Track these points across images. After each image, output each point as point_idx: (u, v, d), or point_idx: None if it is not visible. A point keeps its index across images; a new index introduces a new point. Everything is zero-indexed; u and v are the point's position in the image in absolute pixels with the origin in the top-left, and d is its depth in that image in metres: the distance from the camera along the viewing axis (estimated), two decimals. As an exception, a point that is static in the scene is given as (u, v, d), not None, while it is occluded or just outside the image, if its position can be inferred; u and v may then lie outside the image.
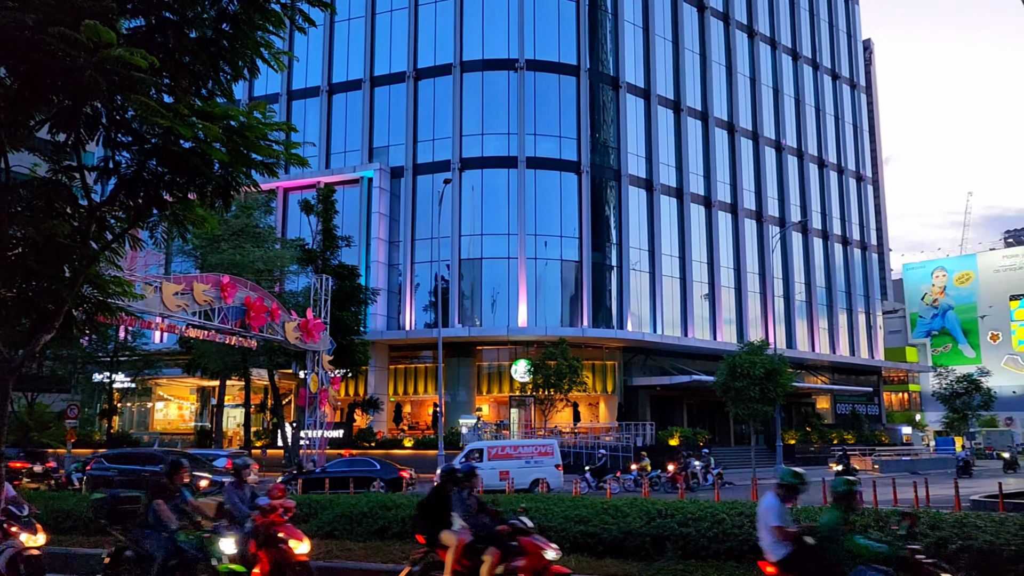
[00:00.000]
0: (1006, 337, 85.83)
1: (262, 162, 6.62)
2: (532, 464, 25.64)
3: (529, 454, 26.36)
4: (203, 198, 6.66)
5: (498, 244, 45.99)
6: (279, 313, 30.10)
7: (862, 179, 68.48)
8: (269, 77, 49.97)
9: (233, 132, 6.39)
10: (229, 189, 6.76)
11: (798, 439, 50.19)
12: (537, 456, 26.15)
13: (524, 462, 25.80)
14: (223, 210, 7.09)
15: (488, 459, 25.98)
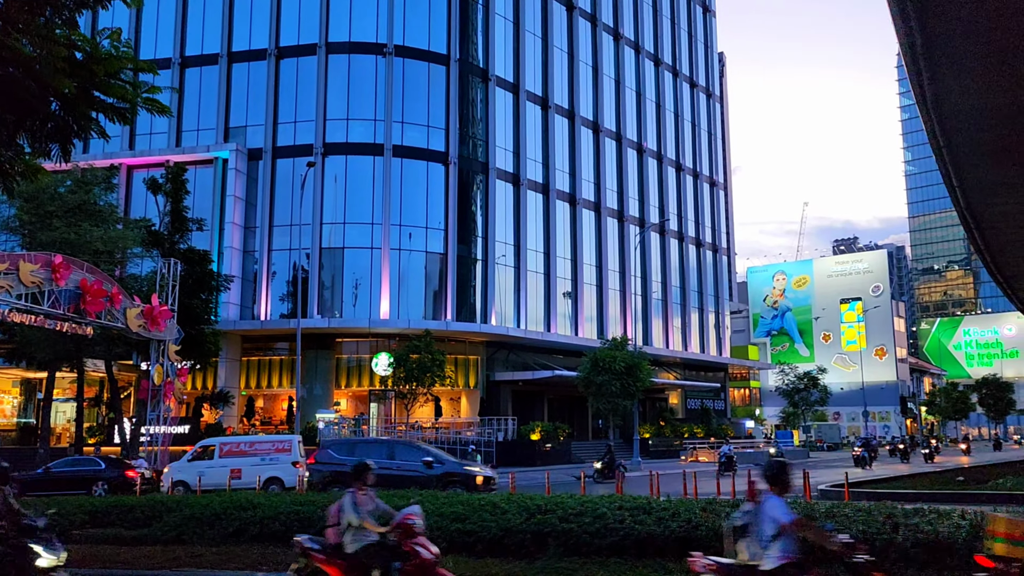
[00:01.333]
0: (836, 337, 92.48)
1: (112, 105, 5.56)
2: (268, 462, 24.30)
3: (265, 451, 24.89)
4: (37, 142, 5.50)
5: (361, 233, 44.57)
6: (120, 298, 27.64)
7: (715, 185, 71.61)
8: (114, 44, 46.13)
9: (78, 66, 5.31)
10: (69, 134, 5.64)
11: (652, 433, 51.73)
12: (274, 453, 24.82)
13: (259, 459, 24.39)
14: (61, 158, 5.93)
15: (220, 456, 24.51)
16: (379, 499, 8.21)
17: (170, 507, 12.70)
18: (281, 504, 12.24)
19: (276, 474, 24.17)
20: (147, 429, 31.85)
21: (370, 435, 41.42)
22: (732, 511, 11.01)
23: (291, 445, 25.34)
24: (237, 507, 12.30)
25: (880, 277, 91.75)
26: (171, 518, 12.25)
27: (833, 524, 9.00)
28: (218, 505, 12.37)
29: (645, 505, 11.06)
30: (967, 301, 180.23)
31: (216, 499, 12.84)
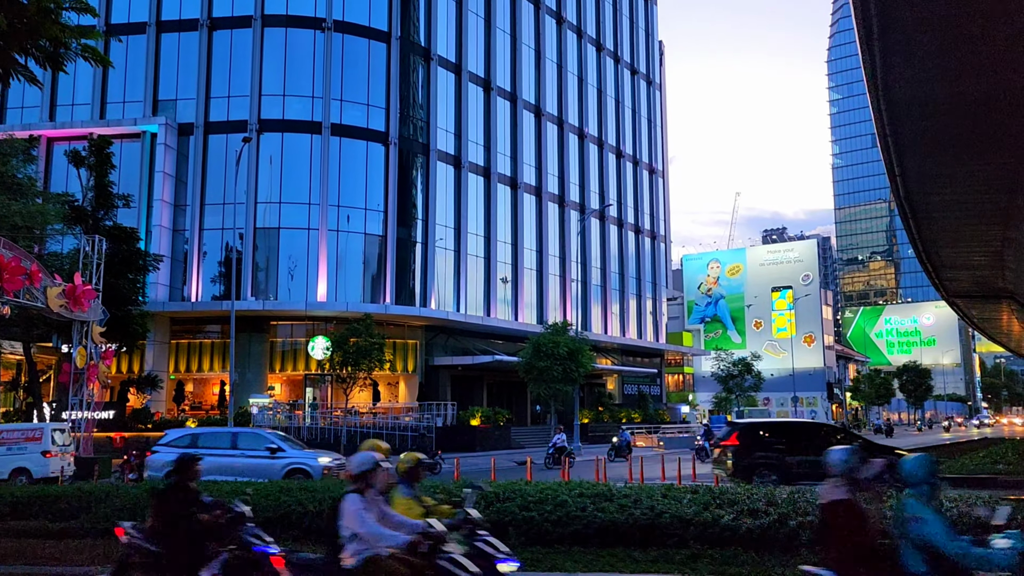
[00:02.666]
0: (768, 325, 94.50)
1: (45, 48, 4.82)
2: (14, 451, 23.48)
3: (14, 440, 24.03)
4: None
5: (298, 214, 43.28)
6: (40, 276, 26.06)
7: (654, 172, 72.09)
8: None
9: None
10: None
11: (591, 418, 51.89)
12: (22, 442, 23.99)
13: (5, 449, 23.61)
14: None
15: None
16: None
17: (100, 497, 11.85)
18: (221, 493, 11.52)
19: (24, 464, 23.15)
20: (68, 414, 30.31)
21: (305, 421, 40.46)
22: (694, 497, 10.81)
23: (42, 434, 24.27)
24: (61, 495, 11.55)
25: (810, 266, 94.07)
26: (101, 509, 11.42)
27: None
28: (148, 495, 11.58)
29: (606, 492, 10.74)
30: (888, 291, 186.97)
31: (147, 488, 12.04)
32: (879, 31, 15.01)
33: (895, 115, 19.55)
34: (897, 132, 20.72)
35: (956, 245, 34.28)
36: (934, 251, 35.57)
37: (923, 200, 27.59)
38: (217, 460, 18.41)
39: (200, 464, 7.50)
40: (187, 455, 7.54)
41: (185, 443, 20.59)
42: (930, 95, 18.21)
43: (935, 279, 43.14)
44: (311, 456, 20.35)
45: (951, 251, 35.54)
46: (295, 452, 20.34)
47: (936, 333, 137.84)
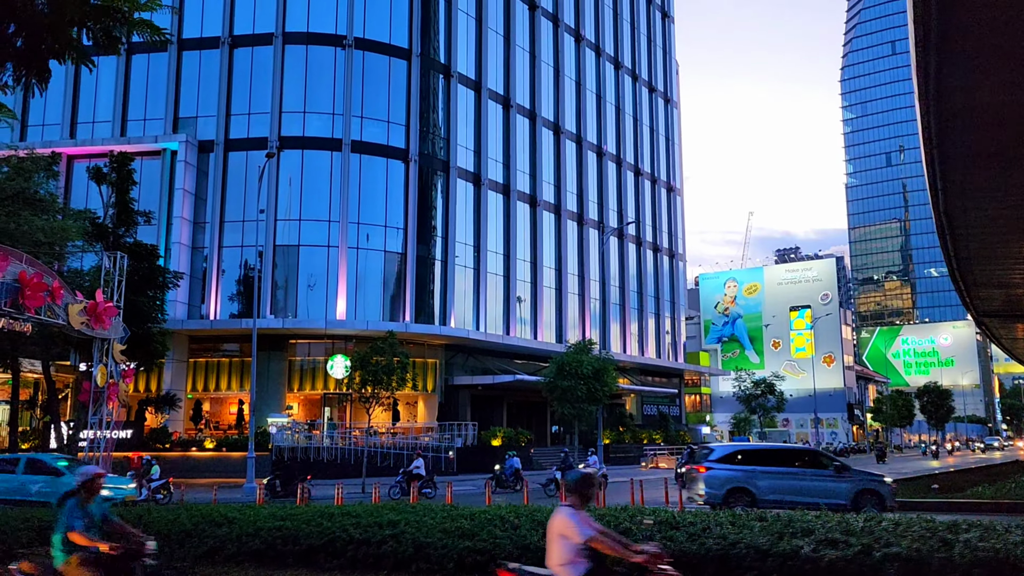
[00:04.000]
0: (786, 345, 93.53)
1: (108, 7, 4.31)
2: None
3: None
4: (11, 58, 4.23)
5: (318, 231, 42.92)
6: (62, 293, 25.66)
7: (672, 190, 71.59)
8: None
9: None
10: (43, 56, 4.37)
11: (612, 439, 51.06)
12: None
13: None
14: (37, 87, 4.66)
15: None
16: None
17: (131, 522, 11.26)
18: (260, 519, 10.95)
19: None
20: (87, 433, 29.82)
21: (324, 441, 39.82)
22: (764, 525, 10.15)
23: None
24: (210, 522, 10.96)
25: (829, 285, 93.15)
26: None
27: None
28: (188, 520, 11.02)
29: (671, 519, 10.09)
30: (905, 311, 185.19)
31: (185, 513, 11.47)
32: (938, 37, 14.46)
33: (944, 126, 18.96)
34: (944, 143, 20.13)
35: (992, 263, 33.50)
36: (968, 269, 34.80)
37: (962, 215, 26.92)
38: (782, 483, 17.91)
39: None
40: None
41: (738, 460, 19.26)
42: (983, 104, 17.63)
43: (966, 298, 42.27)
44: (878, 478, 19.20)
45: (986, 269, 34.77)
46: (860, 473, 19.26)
47: (954, 354, 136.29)
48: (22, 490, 20.29)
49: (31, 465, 21.48)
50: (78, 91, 45.57)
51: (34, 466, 21.48)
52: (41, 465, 21.57)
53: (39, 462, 21.93)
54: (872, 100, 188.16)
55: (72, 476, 20.96)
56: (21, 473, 21.00)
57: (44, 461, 22.03)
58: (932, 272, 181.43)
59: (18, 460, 21.99)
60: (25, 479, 20.74)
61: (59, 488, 20.12)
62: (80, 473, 7.07)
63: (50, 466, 21.44)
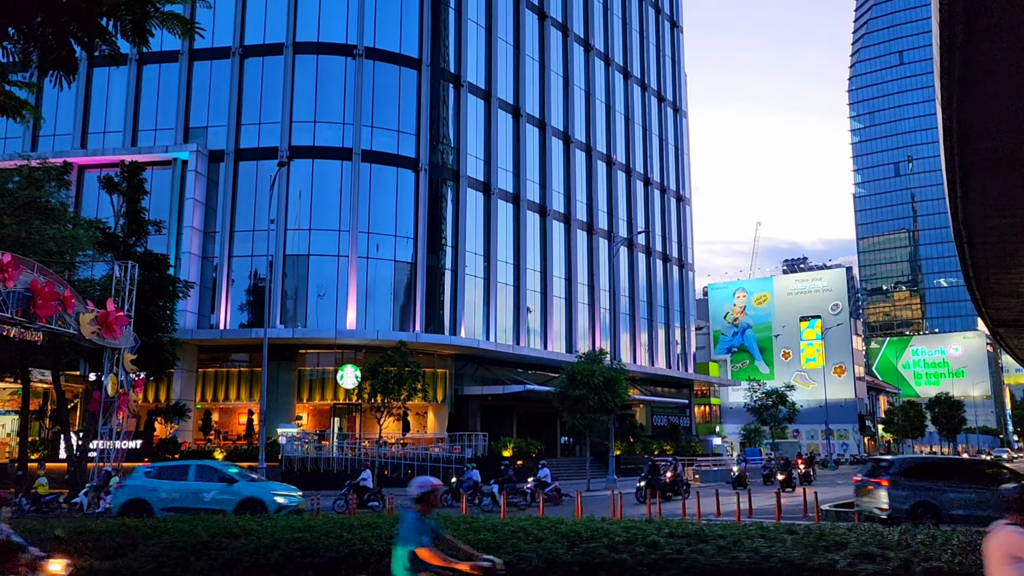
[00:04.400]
0: (796, 355, 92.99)
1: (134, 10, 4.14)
2: None
3: None
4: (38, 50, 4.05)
5: (328, 240, 42.82)
6: (73, 302, 25.61)
7: (682, 200, 71.37)
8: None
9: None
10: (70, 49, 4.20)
11: (623, 450, 50.67)
12: None
13: None
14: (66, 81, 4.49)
15: None
16: None
17: (147, 534, 11.06)
18: (278, 530, 10.71)
19: None
20: (97, 443, 29.67)
21: (333, 452, 39.57)
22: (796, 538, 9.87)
23: None
24: (227, 534, 10.72)
25: (839, 295, 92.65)
26: (149, 547, 10.62)
27: None
28: (204, 531, 10.79)
29: (700, 532, 9.82)
30: (914, 321, 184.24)
31: (201, 524, 11.24)
32: (963, 39, 14.25)
33: (967, 132, 18.72)
34: (965, 151, 19.88)
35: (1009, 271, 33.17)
36: (984, 277, 34.46)
37: (981, 223, 26.63)
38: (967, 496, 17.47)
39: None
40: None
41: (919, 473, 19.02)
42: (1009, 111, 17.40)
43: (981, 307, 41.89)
44: None
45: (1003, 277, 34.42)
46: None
47: (965, 364, 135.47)
48: (196, 498, 19.76)
49: (202, 472, 21.01)
50: (89, 101, 45.67)
51: (205, 473, 21.01)
52: (213, 472, 21.12)
53: (211, 468, 21.53)
54: (880, 110, 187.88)
55: (245, 483, 20.65)
56: (193, 480, 20.51)
57: (216, 468, 21.64)
58: (941, 282, 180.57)
59: (188, 467, 21.58)
60: (199, 486, 20.26)
61: (233, 496, 19.89)
62: (418, 484, 6.45)
63: (222, 473, 20.96)
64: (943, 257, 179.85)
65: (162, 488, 20.36)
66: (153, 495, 20.20)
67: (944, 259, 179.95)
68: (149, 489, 20.38)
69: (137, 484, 20.76)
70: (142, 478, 20.99)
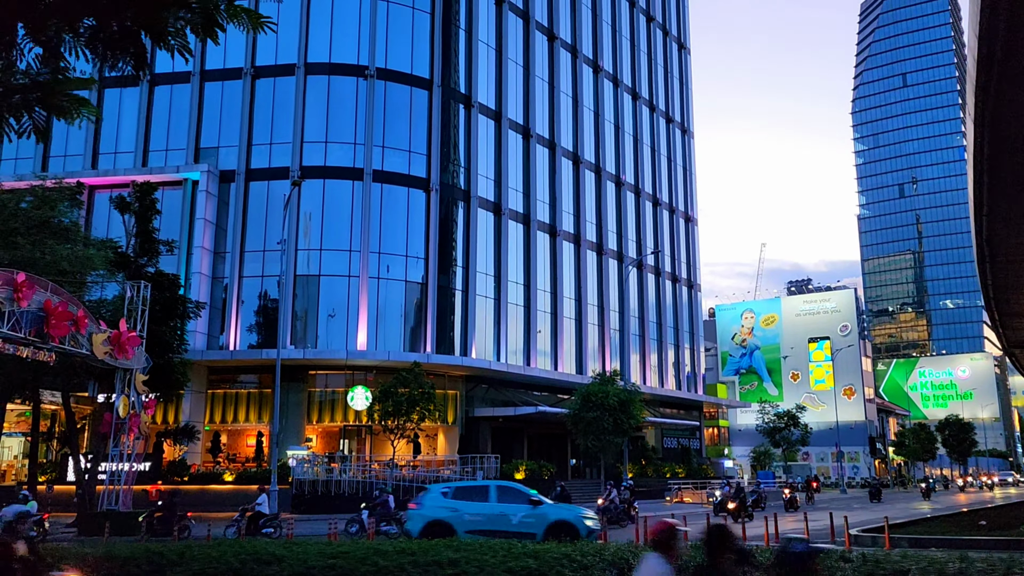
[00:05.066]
0: (805, 376, 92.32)
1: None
2: None
3: None
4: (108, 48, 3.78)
5: (339, 261, 42.59)
6: (86, 322, 25.31)
7: (689, 220, 71.21)
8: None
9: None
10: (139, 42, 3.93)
11: (635, 472, 50.08)
12: None
13: None
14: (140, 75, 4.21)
15: None
16: None
17: (174, 560, 10.68)
18: (310, 557, 10.34)
19: None
20: (107, 466, 29.24)
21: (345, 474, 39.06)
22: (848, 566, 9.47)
23: None
24: (257, 560, 10.35)
25: (848, 316, 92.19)
26: (176, 574, 10.25)
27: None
28: (233, 558, 10.41)
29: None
30: (920, 343, 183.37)
31: (230, 551, 10.86)
32: (1002, 54, 14.03)
33: (997, 149, 18.47)
34: (995, 168, 19.62)
35: (1030, 291, 32.78)
36: (1004, 298, 34.09)
37: (1004, 243, 26.31)
38: None
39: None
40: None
41: None
42: (1042, 126, 17.16)
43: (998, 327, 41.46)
44: None
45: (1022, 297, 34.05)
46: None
47: (973, 386, 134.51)
48: (502, 520, 18.74)
49: (504, 493, 19.98)
50: (100, 121, 45.68)
51: (507, 494, 19.96)
52: (515, 493, 20.08)
53: (513, 489, 20.52)
54: (884, 132, 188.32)
55: (551, 505, 19.83)
56: (495, 501, 19.44)
57: (518, 489, 20.62)
58: (947, 304, 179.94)
59: (487, 487, 20.47)
60: (503, 508, 19.16)
61: (540, 518, 18.87)
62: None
63: (526, 494, 19.93)
64: (948, 279, 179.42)
65: (464, 510, 19.19)
66: (455, 517, 18.95)
67: (950, 280, 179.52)
68: (451, 510, 19.16)
69: (437, 505, 19.54)
70: (440, 498, 19.80)
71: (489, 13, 50.87)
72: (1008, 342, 45.57)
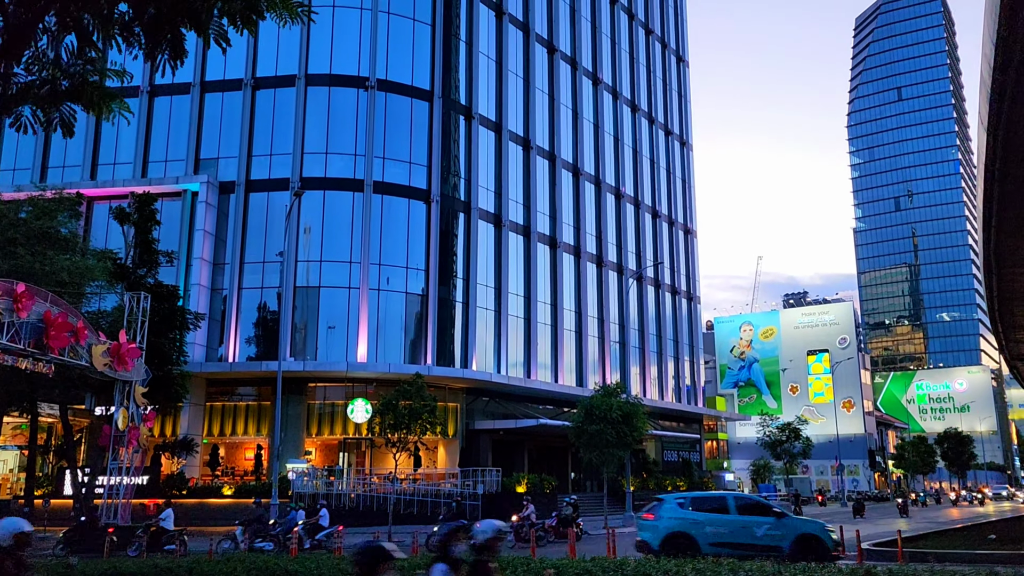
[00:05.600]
0: (804, 389, 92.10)
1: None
2: None
3: None
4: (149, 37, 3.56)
5: (339, 272, 42.33)
6: (86, 334, 25.01)
7: (688, 232, 71.16)
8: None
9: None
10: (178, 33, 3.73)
11: (637, 486, 49.71)
12: None
13: None
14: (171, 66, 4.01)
15: None
16: None
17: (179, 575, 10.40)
18: (325, 571, 10.07)
19: None
20: (105, 480, 28.85)
21: (344, 488, 38.67)
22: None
23: None
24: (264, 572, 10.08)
25: (846, 329, 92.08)
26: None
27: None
28: (243, 573, 10.13)
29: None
30: (917, 356, 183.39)
31: (239, 565, 10.58)
32: (1020, 61, 13.92)
33: (1009, 158, 18.36)
34: (1006, 177, 19.52)
35: (1035, 303, 32.66)
36: (1009, 310, 33.96)
37: (1012, 254, 26.19)
38: None
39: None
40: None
41: None
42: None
43: (1002, 339, 41.32)
44: None
45: None
46: None
47: (970, 400, 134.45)
48: (746, 533, 18.15)
49: (744, 504, 19.43)
50: (99, 132, 45.52)
51: (746, 505, 19.39)
52: (757, 505, 19.54)
53: (753, 501, 19.96)
54: (879, 145, 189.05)
55: (795, 518, 19.29)
56: (735, 513, 18.80)
57: (758, 500, 20.05)
58: (944, 317, 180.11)
59: (724, 498, 19.92)
60: (746, 520, 18.52)
61: (787, 531, 18.20)
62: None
63: (768, 506, 19.45)
64: (945, 291, 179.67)
65: (706, 521, 18.57)
66: (697, 529, 18.36)
67: (946, 293, 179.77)
68: (692, 522, 18.56)
69: (675, 516, 18.92)
70: (678, 509, 19.18)
71: (489, 25, 50.92)
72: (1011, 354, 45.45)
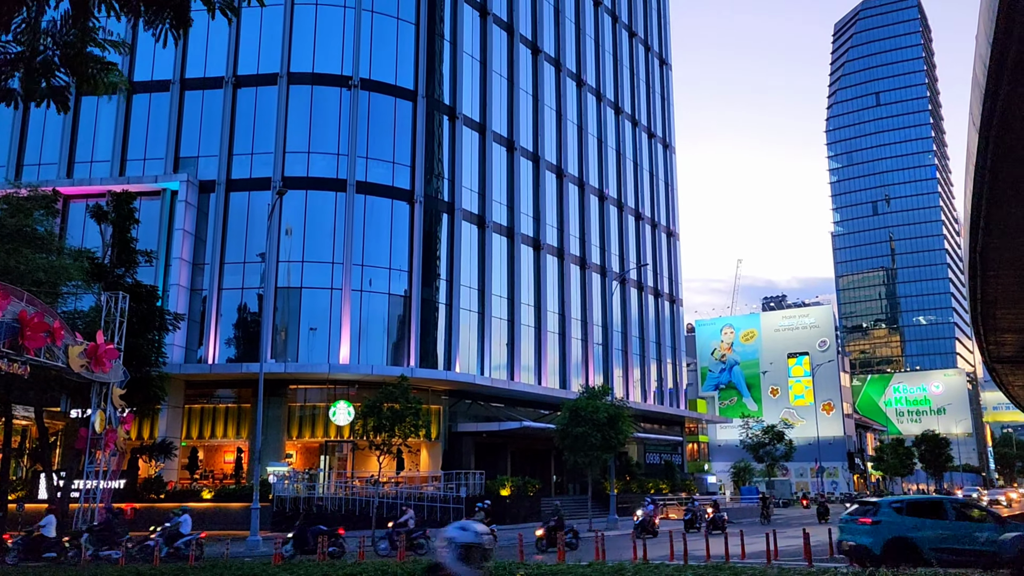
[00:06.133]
0: (784, 392, 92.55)
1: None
2: None
3: None
4: None
5: (321, 273, 41.83)
6: (63, 334, 24.43)
7: (671, 235, 71.24)
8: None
9: None
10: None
11: (620, 488, 49.58)
12: None
13: None
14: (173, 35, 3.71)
15: None
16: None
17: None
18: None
19: None
20: (81, 483, 28.22)
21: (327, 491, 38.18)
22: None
23: None
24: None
25: (826, 332, 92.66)
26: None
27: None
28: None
29: None
30: (894, 359, 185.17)
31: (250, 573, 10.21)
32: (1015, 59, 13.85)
33: (1000, 156, 18.33)
34: (996, 177, 19.50)
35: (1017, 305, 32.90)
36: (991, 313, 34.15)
37: (997, 256, 26.27)
38: None
39: None
40: None
41: None
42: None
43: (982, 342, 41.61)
44: None
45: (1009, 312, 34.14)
46: None
47: (946, 402, 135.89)
48: (968, 539, 17.59)
49: (962, 509, 18.92)
50: (76, 130, 44.72)
51: (961, 509, 18.88)
52: (968, 507, 19.05)
53: (972, 505, 19.35)
54: (857, 150, 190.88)
55: (1020, 526, 18.44)
56: (954, 519, 18.37)
57: (976, 504, 19.46)
58: (920, 320, 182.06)
59: (941, 503, 19.26)
60: (967, 526, 18.11)
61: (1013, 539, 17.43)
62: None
63: (987, 511, 18.95)
64: (921, 295, 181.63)
65: (925, 527, 18.18)
66: (918, 534, 17.96)
67: (922, 297, 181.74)
68: (910, 527, 18.14)
69: (895, 521, 18.47)
70: (895, 514, 18.70)
71: (474, 25, 50.66)
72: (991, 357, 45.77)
